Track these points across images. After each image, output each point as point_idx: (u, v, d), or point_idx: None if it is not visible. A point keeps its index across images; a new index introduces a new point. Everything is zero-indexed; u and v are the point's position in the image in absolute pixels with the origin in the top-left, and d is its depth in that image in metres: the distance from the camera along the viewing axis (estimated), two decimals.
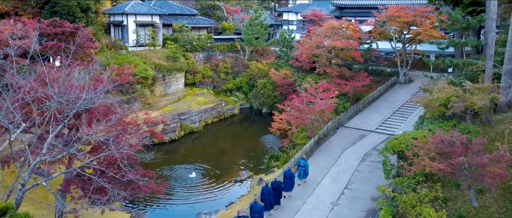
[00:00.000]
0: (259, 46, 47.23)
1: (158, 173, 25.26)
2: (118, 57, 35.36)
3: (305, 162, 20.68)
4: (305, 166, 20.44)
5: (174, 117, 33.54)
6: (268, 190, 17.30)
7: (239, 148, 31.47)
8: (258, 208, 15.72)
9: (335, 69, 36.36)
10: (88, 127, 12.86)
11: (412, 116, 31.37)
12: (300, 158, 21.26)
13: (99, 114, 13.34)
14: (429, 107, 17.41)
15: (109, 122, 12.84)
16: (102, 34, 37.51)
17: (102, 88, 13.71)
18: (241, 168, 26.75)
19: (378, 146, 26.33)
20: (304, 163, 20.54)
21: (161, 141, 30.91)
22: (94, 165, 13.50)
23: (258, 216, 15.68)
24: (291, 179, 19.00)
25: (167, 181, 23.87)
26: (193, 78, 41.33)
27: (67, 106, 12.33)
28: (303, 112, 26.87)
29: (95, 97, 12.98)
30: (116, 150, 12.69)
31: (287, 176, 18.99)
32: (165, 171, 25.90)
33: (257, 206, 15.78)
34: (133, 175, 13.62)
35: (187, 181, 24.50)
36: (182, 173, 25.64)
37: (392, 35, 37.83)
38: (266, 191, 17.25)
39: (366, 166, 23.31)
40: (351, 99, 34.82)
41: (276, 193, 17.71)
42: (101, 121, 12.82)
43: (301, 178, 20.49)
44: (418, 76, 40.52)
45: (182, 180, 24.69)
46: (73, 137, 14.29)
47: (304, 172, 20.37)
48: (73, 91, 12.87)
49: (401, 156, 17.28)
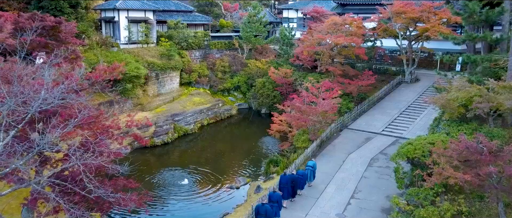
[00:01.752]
0: (258, 44, 45.32)
1: (146, 180, 23.32)
2: (108, 55, 33.44)
3: (313, 162, 19.71)
4: (313, 166, 19.47)
5: (168, 118, 31.62)
6: (286, 178, 17.09)
7: (236, 151, 29.52)
8: (277, 197, 15.58)
9: (338, 68, 34.44)
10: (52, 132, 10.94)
11: (420, 117, 29.48)
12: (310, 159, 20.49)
13: (67, 116, 11.44)
14: (447, 108, 15.53)
15: (66, 128, 10.87)
16: (92, 31, 35.59)
17: (65, 87, 11.74)
18: (238, 174, 24.83)
19: (386, 149, 24.51)
20: (313, 164, 19.58)
21: (154, 144, 29.08)
22: (52, 180, 11.50)
23: (276, 205, 15.47)
24: (303, 176, 18.50)
25: (155, 190, 21.97)
26: (189, 77, 39.42)
27: (25, 107, 10.42)
28: (304, 112, 24.97)
29: (53, 96, 11.00)
30: (82, 160, 10.73)
31: (300, 173, 18.44)
32: (154, 178, 23.91)
33: (276, 195, 15.62)
34: (104, 190, 11.59)
35: (178, 189, 22.52)
36: (173, 179, 23.68)
37: (397, 32, 35.94)
38: (284, 179, 17.02)
39: (373, 172, 21.39)
40: (355, 100, 32.90)
41: (292, 186, 17.48)
42: (68, 124, 10.88)
43: (309, 179, 19.35)
44: (425, 75, 38.71)
45: (172, 187, 22.71)
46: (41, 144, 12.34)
47: (312, 172, 19.40)
48: (34, 90, 10.93)
49: (416, 163, 15.36)
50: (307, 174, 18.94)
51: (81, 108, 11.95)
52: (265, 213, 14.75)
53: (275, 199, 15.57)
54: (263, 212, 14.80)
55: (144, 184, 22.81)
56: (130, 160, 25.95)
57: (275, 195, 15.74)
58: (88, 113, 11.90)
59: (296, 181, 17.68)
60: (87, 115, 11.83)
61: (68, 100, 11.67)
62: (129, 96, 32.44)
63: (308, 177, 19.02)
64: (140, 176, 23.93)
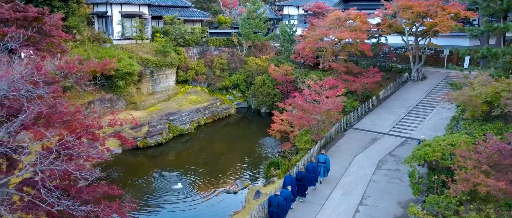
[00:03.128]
0: (257, 40, 43.64)
1: (135, 184, 21.61)
2: (100, 51, 31.76)
3: (325, 157, 18.64)
4: (325, 161, 18.49)
5: (162, 117, 29.93)
6: (291, 178, 16.24)
7: (234, 152, 27.79)
8: (287, 194, 14.97)
9: (341, 65, 32.76)
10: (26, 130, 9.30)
11: (429, 116, 27.84)
12: (320, 153, 19.22)
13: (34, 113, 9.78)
14: (469, 106, 13.87)
15: (12, 126, 9.19)
16: (84, 26, 33.90)
17: (19, 79, 10.00)
18: (236, 177, 23.14)
19: (394, 151, 22.87)
20: (325, 159, 18.54)
21: (147, 145, 27.42)
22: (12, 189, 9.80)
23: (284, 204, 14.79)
24: (315, 173, 17.64)
25: (143, 195, 20.26)
26: (186, 75, 37.74)
27: None
28: (307, 111, 23.31)
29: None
30: (46, 166, 9.05)
31: (310, 169, 17.50)
32: (144, 181, 22.19)
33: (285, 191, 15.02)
34: (72, 202, 9.85)
35: (171, 194, 20.78)
36: (165, 183, 21.96)
37: (404, 28, 34.27)
38: (289, 180, 16.14)
39: (382, 175, 19.72)
40: (360, 98, 31.25)
41: (300, 185, 16.67)
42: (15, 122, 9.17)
43: (322, 175, 18.57)
44: (432, 72, 37.09)
45: (163, 192, 20.96)
46: None
47: (325, 168, 18.53)
48: None
49: (434, 166, 13.69)
50: (320, 169, 18.20)
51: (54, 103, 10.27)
52: (277, 204, 14.27)
53: (284, 197, 14.90)
54: (275, 203, 14.32)
55: (132, 189, 21.16)
56: (120, 162, 24.48)
57: (284, 192, 15.10)
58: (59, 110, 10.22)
59: (305, 178, 16.88)
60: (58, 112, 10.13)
61: (22, 93, 9.94)
62: (121, 94, 30.78)
63: (321, 172, 18.25)
64: (129, 179, 22.28)
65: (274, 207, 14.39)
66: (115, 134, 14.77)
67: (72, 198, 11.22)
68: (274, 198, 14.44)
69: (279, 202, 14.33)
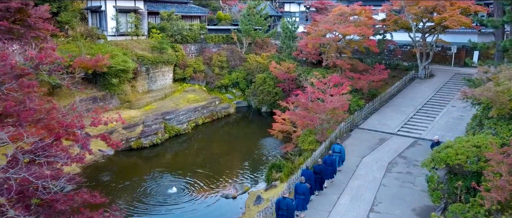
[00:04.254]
0: (258, 37, 42.17)
1: (125, 188, 20.08)
2: (93, 47, 30.30)
3: (340, 147, 18.68)
4: (340, 151, 18.49)
5: (158, 117, 28.43)
6: (309, 173, 15.82)
7: (234, 154, 26.26)
8: (304, 189, 14.45)
9: (346, 62, 31.27)
10: None
11: (439, 115, 26.37)
12: (335, 143, 19.31)
13: None
14: (496, 103, 12.42)
15: None
16: (77, 21, 32.41)
17: None
18: (235, 181, 21.66)
19: (404, 152, 21.41)
20: (340, 148, 18.56)
21: (141, 145, 25.95)
22: None
23: (303, 198, 14.45)
24: (333, 166, 17.30)
25: (132, 202, 18.74)
26: (183, 73, 36.26)
27: None
28: (311, 110, 21.83)
29: None
30: None
31: (328, 162, 17.12)
32: (135, 185, 20.64)
33: (303, 186, 14.48)
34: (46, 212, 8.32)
35: (163, 199, 19.21)
36: (158, 187, 20.43)
37: (410, 23, 32.79)
38: (307, 174, 15.67)
39: (393, 179, 18.25)
40: (366, 96, 29.78)
41: (318, 178, 16.30)
42: None
43: (337, 165, 18.34)
44: (440, 70, 35.64)
45: (156, 197, 19.38)
46: None
47: (340, 158, 18.52)
48: None
49: (456, 171, 12.21)
50: (336, 159, 17.99)
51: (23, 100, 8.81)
52: (286, 207, 13.47)
53: (301, 191, 14.45)
54: (284, 206, 13.50)
55: (122, 194, 19.60)
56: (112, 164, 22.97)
57: (302, 187, 14.53)
58: (28, 107, 8.75)
59: (323, 171, 16.53)
60: (27, 108, 8.66)
61: None
62: (115, 92, 29.32)
63: (336, 162, 18.03)
64: (119, 183, 20.76)
65: (283, 211, 13.56)
66: (100, 134, 13.21)
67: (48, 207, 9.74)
68: (283, 201, 13.61)
69: (288, 205, 13.52)
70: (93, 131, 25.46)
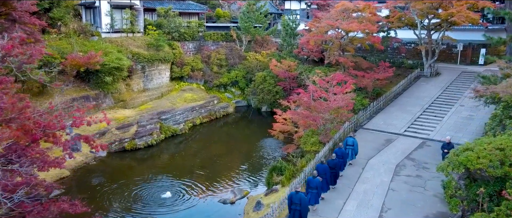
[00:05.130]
0: (258, 35, 41.00)
1: (115, 193, 18.87)
2: (86, 44, 29.12)
3: (353, 140, 18.52)
4: (353, 144, 18.35)
5: (153, 117, 27.24)
6: (324, 167, 15.46)
7: (232, 155, 25.04)
8: (317, 183, 14.15)
9: (349, 59, 30.09)
10: None
11: (447, 115, 25.22)
12: (348, 136, 19.07)
13: None
14: None
15: None
16: (70, 18, 31.19)
17: None
18: (233, 184, 20.48)
19: (412, 154, 20.25)
20: (353, 141, 18.42)
21: (135, 147, 24.77)
22: None
23: (316, 192, 14.17)
24: (344, 158, 17.25)
25: (121, 209, 17.52)
26: (181, 71, 35.10)
27: None
28: (314, 109, 20.66)
29: None
30: None
31: (339, 154, 16.93)
32: (127, 189, 19.41)
33: (315, 180, 14.18)
34: None
35: (157, 205, 17.95)
36: (151, 192, 19.19)
37: (416, 20, 31.63)
38: (322, 169, 15.33)
39: (402, 183, 17.07)
40: (370, 95, 28.61)
41: (333, 173, 16.10)
42: None
43: (350, 158, 18.39)
44: (445, 68, 34.51)
45: (148, 203, 18.10)
46: None
47: (353, 151, 18.38)
48: None
49: (476, 176, 11.04)
50: (349, 152, 18.05)
51: None
52: (299, 201, 13.00)
53: (314, 185, 14.13)
54: (297, 201, 13.03)
55: (113, 198, 18.37)
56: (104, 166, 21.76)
57: (314, 181, 14.19)
58: None
59: (337, 165, 16.40)
60: None
61: None
62: (109, 91, 28.15)
63: (349, 156, 18.09)
64: (110, 187, 19.54)
65: (296, 205, 13.05)
66: (83, 136, 12.03)
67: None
68: (296, 195, 13.08)
69: (301, 199, 13.00)
70: (83, 132, 24.34)
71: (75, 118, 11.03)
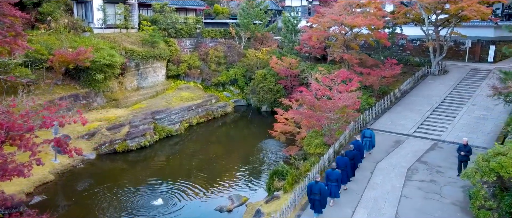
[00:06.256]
0: (257, 31, 39.51)
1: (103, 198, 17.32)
2: (77, 40, 27.65)
3: (371, 132, 18.44)
4: (371, 136, 18.25)
5: (146, 116, 25.72)
6: (344, 160, 15.28)
7: (230, 158, 23.50)
8: (336, 175, 13.96)
9: (354, 56, 28.59)
10: None
11: (459, 114, 23.76)
12: (366, 128, 19.03)
13: None
14: None
15: None
16: (61, 12, 29.72)
17: None
18: (231, 189, 18.97)
19: (424, 156, 18.79)
20: (370, 133, 18.32)
21: (127, 148, 23.26)
22: None
23: (336, 184, 13.93)
24: (361, 150, 17.05)
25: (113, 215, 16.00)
26: (177, 69, 33.62)
27: None
28: (318, 108, 19.17)
29: None
30: None
31: (356, 146, 16.71)
32: (116, 195, 17.87)
33: (335, 173, 13.98)
34: None
35: (147, 213, 16.44)
36: (141, 198, 17.61)
37: (423, 15, 30.14)
38: (342, 161, 15.17)
39: (415, 189, 15.60)
40: (376, 94, 27.14)
41: (352, 164, 15.93)
42: None
43: (367, 149, 18.31)
44: (453, 66, 33.08)
45: (138, 211, 16.54)
46: None
47: (370, 143, 18.30)
48: None
49: (510, 184, 9.54)
50: (366, 144, 18.05)
51: None
52: (319, 192, 12.89)
53: (334, 178, 13.91)
54: (316, 191, 12.93)
55: (97, 206, 16.80)
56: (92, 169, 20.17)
57: (334, 173, 13.96)
58: None
59: (356, 157, 16.33)
60: None
61: None
62: (100, 90, 26.65)
63: (367, 147, 18.10)
64: (96, 193, 17.99)
65: (315, 195, 12.92)
66: (54, 139, 10.53)
67: None
68: (315, 185, 12.92)
69: (321, 189, 12.84)
70: (73, 132, 22.84)
71: (45, 118, 9.53)
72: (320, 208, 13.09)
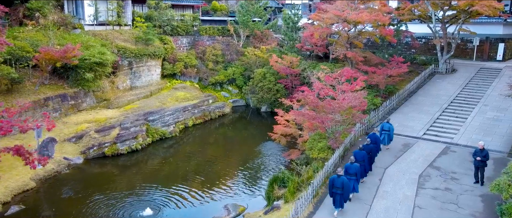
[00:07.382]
0: (257, 29, 38.10)
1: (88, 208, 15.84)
2: (66, 37, 26.26)
3: (389, 125, 18.30)
4: (389, 130, 18.19)
5: (139, 118, 24.26)
6: (362, 154, 15.10)
7: (227, 162, 22.00)
8: (355, 169, 13.83)
9: (358, 54, 27.17)
10: None
11: (471, 115, 22.40)
12: (385, 122, 18.68)
13: None
14: None
15: None
16: (50, 8, 28.27)
17: None
18: (227, 197, 17.52)
19: (437, 161, 17.43)
20: (389, 127, 18.23)
21: (117, 152, 21.81)
22: None
23: (355, 178, 13.75)
24: (377, 143, 16.82)
25: None
26: (173, 68, 32.21)
27: None
28: (322, 109, 17.73)
29: None
30: None
31: (373, 140, 16.47)
32: (103, 203, 16.41)
33: (354, 166, 13.83)
34: None
35: None
36: (130, 207, 16.15)
37: (430, 11, 28.74)
38: (360, 155, 14.99)
39: (429, 198, 14.20)
40: (382, 93, 25.72)
41: (369, 157, 15.75)
42: None
43: (386, 143, 18.25)
44: (461, 65, 31.73)
45: None
46: None
47: (389, 136, 18.22)
48: None
49: None
50: (384, 138, 18.09)
51: None
52: (341, 186, 12.66)
53: (353, 172, 13.77)
54: (339, 185, 12.70)
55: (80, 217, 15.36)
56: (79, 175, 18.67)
57: (353, 167, 13.81)
58: None
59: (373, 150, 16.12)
60: None
61: None
62: (89, 89, 25.22)
63: (385, 141, 18.15)
64: (81, 201, 16.51)
65: (337, 189, 12.74)
66: (14, 146, 9.12)
67: None
68: (338, 179, 12.75)
69: (343, 183, 12.63)
70: (59, 135, 21.43)
71: (1, 122, 8.11)
72: (342, 202, 12.91)
